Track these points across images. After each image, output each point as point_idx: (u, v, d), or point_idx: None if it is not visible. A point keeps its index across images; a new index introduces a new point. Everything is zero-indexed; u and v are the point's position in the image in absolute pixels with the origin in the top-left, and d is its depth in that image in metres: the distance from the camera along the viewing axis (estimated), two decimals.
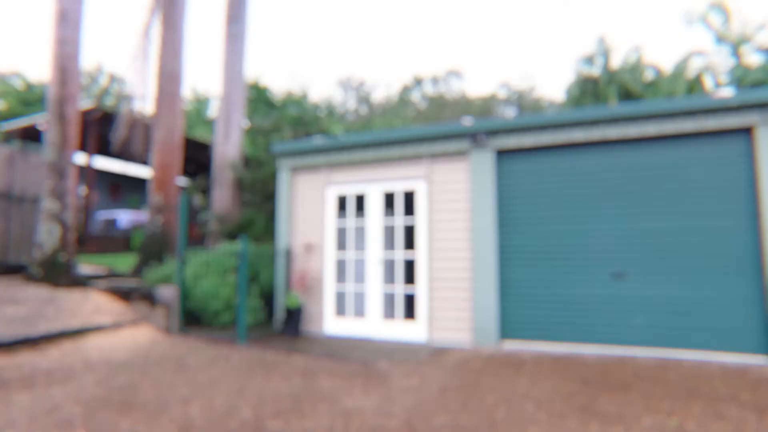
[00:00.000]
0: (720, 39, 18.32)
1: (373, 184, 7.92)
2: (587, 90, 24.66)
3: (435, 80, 48.12)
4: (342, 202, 8.22)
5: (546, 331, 6.68)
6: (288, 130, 11.07)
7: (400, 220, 7.76)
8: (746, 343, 5.83)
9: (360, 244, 8.06)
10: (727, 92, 6.18)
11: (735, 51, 18.03)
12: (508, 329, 6.87)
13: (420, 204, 7.53)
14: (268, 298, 8.56)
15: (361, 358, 6.31)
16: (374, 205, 7.89)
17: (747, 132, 6.02)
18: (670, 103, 6.30)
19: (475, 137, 7.02)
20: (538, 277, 6.80)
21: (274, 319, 8.35)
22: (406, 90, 48.72)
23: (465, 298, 7.05)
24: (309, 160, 8.39)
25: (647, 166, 6.44)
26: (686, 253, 6.16)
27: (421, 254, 7.43)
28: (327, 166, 8.29)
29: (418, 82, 48.24)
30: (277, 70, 73.84)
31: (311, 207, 8.37)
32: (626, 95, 23.09)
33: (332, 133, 9.56)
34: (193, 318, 8.07)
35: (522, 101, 46.51)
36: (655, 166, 6.41)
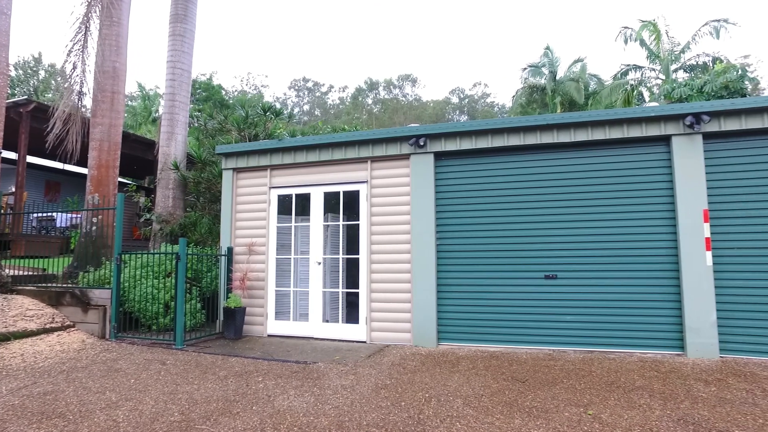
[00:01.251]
0: (652, 56, 19.47)
1: (316, 186, 7.95)
2: (534, 98, 25.56)
3: (389, 84, 48.51)
4: (285, 204, 8.21)
5: (483, 330, 6.90)
6: (234, 130, 10.91)
7: (342, 222, 7.84)
8: (664, 340, 6.24)
9: (303, 245, 8.08)
10: (652, 105, 6.61)
11: (665, 68, 19.21)
12: (446, 329, 7.05)
13: (362, 206, 7.62)
14: (210, 301, 8.42)
15: (300, 358, 6.32)
16: (317, 207, 7.93)
17: (666, 141, 6.45)
18: (599, 114, 6.67)
19: (416, 141, 7.18)
20: (475, 279, 7.02)
21: (217, 321, 8.22)
22: (360, 93, 48.85)
23: (405, 299, 7.19)
24: (253, 162, 8.33)
25: (579, 172, 6.79)
26: (613, 255, 6.52)
27: (362, 255, 7.52)
28: (270, 168, 8.26)
29: (373, 85, 48.49)
30: (233, 70, 72.47)
31: (255, 208, 8.30)
32: (570, 104, 24.11)
33: (278, 134, 9.50)
34: (131, 321, 7.83)
35: (474, 107, 47.62)
36: (587, 171, 6.76)
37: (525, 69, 25.60)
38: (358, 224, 7.64)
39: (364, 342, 7.32)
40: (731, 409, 4.33)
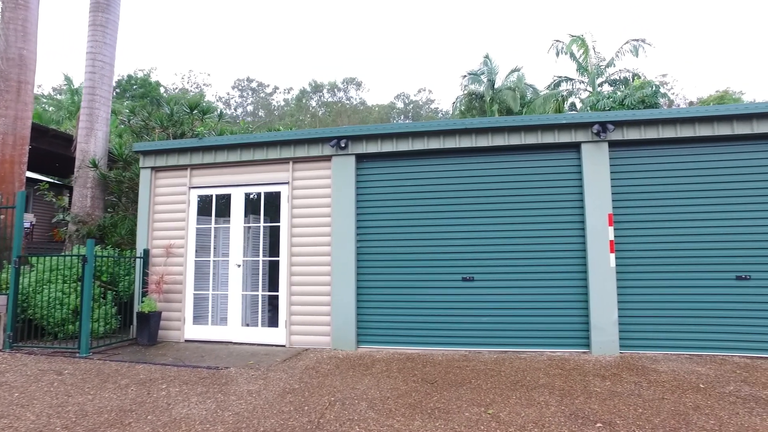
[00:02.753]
0: (581, 69, 20.49)
1: (238, 187, 7.75)
2: (474, 105, 26.19)
3: (333, 87, 48.34)
4: (206, 205, 7.95)
5: (402, 333, 6.93)
6: (158, 128, 10.45)
7: (263, 224, 7.68)
8: (572, 339, 6.50)
9: (223, 247, 7.84)
10: (573, 112, 6.89)
11: (592, 80, 20.28)
12: (366, 332, 7.04)
13: (284, 207, 7.50)
14: (128, 306, 8.01)
15: (212, 364, 6.10)
16: (237, 208, 7.72)
17: (577, 148, 6.75)
18: (514, 119, 6.89)
19: (338, 143, 7.15)
20: (396, 281, 7.04)
21: (131, 327, 7.82)
22: (304, 95, 48.38)
23: (325, 301, 7.12)
24: (172, 160, 8.01)
25: (497, 176, 6.97)
26: (527, 258, 6.73)
27: (283, 258, 7.39)
28: (191, 167, 7.96)
29: (317, 88, 48.16)
30: (174, 67, 69.94)
31: (173, 209, 7.98)
32: (508, 112, 24.87)
33: (200, 133, 9.17)
34: (34, 330, 7.31)
35: (419, 112, 48.28)
36: (504, 176, 6.96)
37: (465, 76, 26.19)
38: (279, 226, 7.50)
39: (284, 346, 7.18)
40: (619, 401, 4.55)
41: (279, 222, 7.52)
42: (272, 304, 7.52)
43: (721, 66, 60.50)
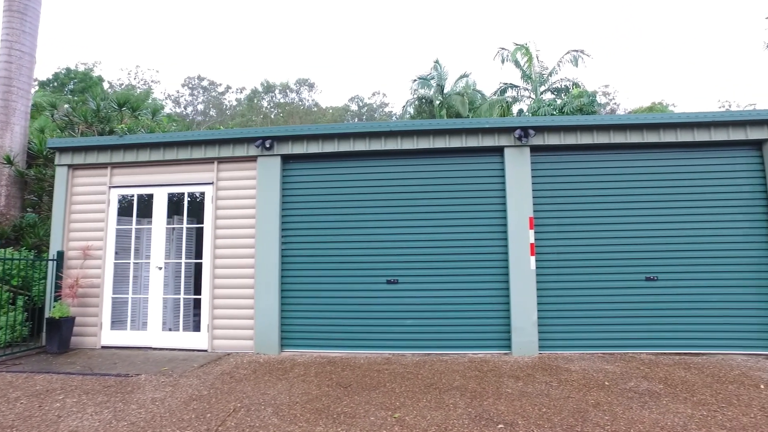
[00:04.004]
0: (525, 76, 21.06)
1: (160, 186, 7.45)
2: (423, 109, 26.42)
3: (285, 88, 47.70)
4: (127, 205, 7.60)
5: (327, 336, 6.84)
6: (82, 124, 9.93)
7: (186, 225, 7.42)
8: (494, 341, 6.59)
9: (144, 249, 7.52)
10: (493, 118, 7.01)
11: (534, 88, 20.88)
12: (290, 336, 6.90)
13: (208, 208, 7.26)
14: (42, 311, 7.54)
15: (123, 371, 5.81)
16: (160, 209, 7.42)
17: (501, 152, 6.87)
18: (438, 123, 6.95)
19: (262, 143, 6.99)
20: (321, 284, 6.95)
21: (42, 334, 7.36)
22: (255, 95, 47.51)
23: (249, 305, 6.94)
24: (91, 158, 7.61)
25: (422, 179, 7.00)
26: (451, 260, 6.79)
27: (206, 260, 7.15)
28: (111, 166, 7.60)
29: (269, 88, 47.40)
30: (120, 62, 67.23)
31: (92, 209, 7.58)
32: (456, 116, 25.22)
33: (122, 131, 8.78)
34: None
35: (372, 115, 48.34)
36: (429, 178, 7.00)
37: (415, 80, 26.37)
38: (203, 227, 7.26)
39: (205, 351, 6.94)
40: (526, 401, 4.63)
41: (203, 223, 7.27)
42: (194, 308, 7.26)
43: (659, 78, 63.83)
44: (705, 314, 6.43)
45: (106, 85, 41.04)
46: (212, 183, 7.29)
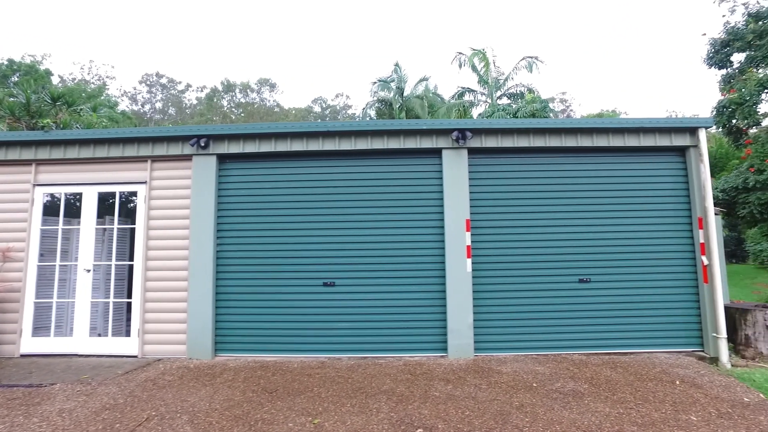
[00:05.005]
0: (482, 81, 21.39)
1: (90, 185, 7.12)
2: (383, 111, 26.45)
3: (246, 88, 46.92)
4: (53, 204, 7.23)
5: (262, 340, 6.67)
6: (9, 118, 9.42)
7: (117, 225, 7.12)
8: (430, 343, 6.57)
9: (73, 251, 7.18)
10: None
11: (490, 93, 21.24)
12: (225, 340, 6.70)
13: (140, 208, 6.98)
14: None
15: (37, 381, 5.49)
16: (89, 208, 7.08)
17: (439, 154, 6.87)
18: (376, 124, 6.95)
19: (197, 141, 6.78)
20: (257, 286, 6.78)
21: None
22: (215, 94, 46.55)
23: (182, 308, 6.70)
24: (13, 154, 7.19)
25: (359, 180, 6.93)
26: (388, 262, 6.74)
27: (138, 262, 6.87)
28: (36, 163, 7.20)
29: (229, 87, 46.53)
30: (73, 56, 64.79)
31: (14, 207, 7.16)
32: (415, 119, 25.32)
33: (48, 126, 8.37)
34: None
35: (336, 117, 48.11)
36: (366, 179, 6.93)
37: (375, 83, 26.39)
38: (135, 228, 6.98)
39: (135, 356, 6.67)
40: (451, 405, 4.61)
41: (135, 223, 6.99)
42: (124, 312, 6.97)
43: (615, 87, 66.22)
44: (633, 315, 6.61)
45: (56, 80, 39.43)
46: (145, 182, 7.01)
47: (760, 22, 17.10)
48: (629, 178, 6.89)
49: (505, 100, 21.28)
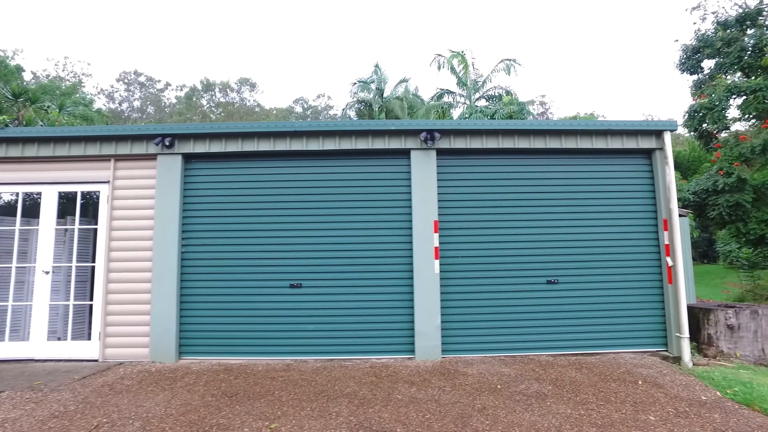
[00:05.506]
0: (461, 83, 21.47)
1: (50, 185, 6.90)
2: (363, 112, 26.38)
3: (226, 87, 46.40)
4: (10, 204, 7.01)
5: (228, 342, 6.55)
6: None
7: (79, 226, 6.92)
8: (398, 345, 6.52)
9: (30, 252, 6.95)
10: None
11: (469, 94, 21.34)
12: (189, 342, 6.57)
13: (102, 209, 6.80)
14: None
15: None
16: (48, 208, 6.86)
17: (408, 155, 6.83)
18: (344, 124, 6.85)
19: (162, 141, 6.64)
20: (223, 288, 6.65)
21: None
22: (194, 93, 45.95)
23: (146, 311, 6.54)
24: None
25: (327, 181, 6.86)
26: (356, 264, 6.67)
27: (99, 263, 6.69)
28: None
29: (208, 86, 45.96)
30: (48, 52, 63.38)
31: None
32: (395, 120, 25.24)
33: (4, 122, 8.10)
34: None
35: (317, 117, 47.88)
36: (334, 180, 6.86)
37: (355, 83, 26.30)
38: (97, 229, 6.80)
39: (96, 360, 6.48)
40: (413, 408, 4.56)
41: (97, 224, 6.80)
42: (85, 314, 6.78)
43: (594, 90, 67.24)
44: (600, 315, 6.65)
45: (28, 76, 38.51)
46: (108, 182, 6.84)
47: (728, 30, 17.50)
48: (597, 180, 6.95)
49: (483, 102, 21.39)
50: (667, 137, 6.72)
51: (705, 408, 4.63)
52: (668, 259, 6.62)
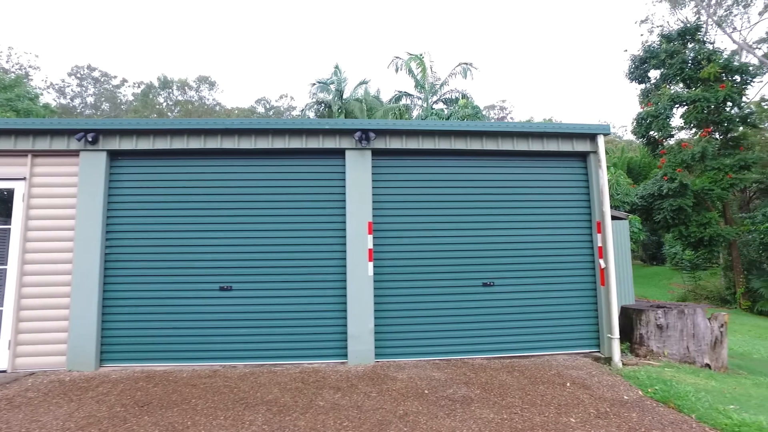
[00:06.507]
0: (419, 85, 21.53)
1: None
2: (322, 113, 26.14)
3: (184, 85, 45.23)
4: None
5: (154, 348, 6.24)
6: None
7: None
8: (331, 349, 6.35)
9: None
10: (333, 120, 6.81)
11: (426, 97, 21.42)
12: (112, 349, 6.22)
13: (17, 207, 6.37)
14: None
15: None
16: None
17: (343, 155, 6.68)
18: (277, 122, 6.64)
19: (84, 136, 6.28)
20: (149, 292, 6.33)
21: None
22: (151, 90, 44.60)
23: (64, 316, 6.15)
24: None
25: (261, 180, 6.64)
26: (289, 266, 6.47)
27: (12, 266, 6.26)
28: None
29: (166, 84, 44.68)
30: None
31: None
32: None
33: None
34: None
35: (279, 118, 47.32)
36: (268, 180, 6.65)
37: (314, 84, 26.04)
38: (10, 228, 6.37)
39: (4, 371, 6.05)
40: (332, 415, 4.41)
41: (10, 223, 6.38)
42: None
43: (553, 96, 68.97)
44: (536, 318, 6.67)
45: None
46: (24, 179, 6.42)
47: (672, 43, 18.17)
48: (534, 182, 6.98)
49: (441, 105, 21.49)
50: (601, 140, 6.81)
51: (625, 408, 4.68)
52: (601, 261, 6.70)
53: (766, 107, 19.93)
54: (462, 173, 6.87)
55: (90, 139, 6.29)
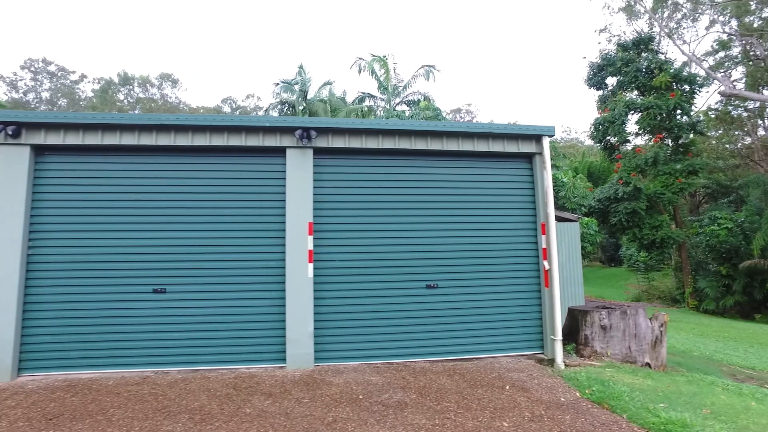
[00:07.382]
0: (382, 87, 21.46)
1: None
2: (286, 113, 25.78)
3: (145, 82, 43.96)
4: None
5: (80, 354, 5.89)
6: None
7: None
8: (269, 353, 6.13)
9: None
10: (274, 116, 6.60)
11: (388, 99, 21.38)
12: (32, 356, 5.83)
13: None
14: None
15: None
16: None
17: (283, 153, 6.48)
18: (214, 119, 6.37)
19: (5, 129, 5.90)
20: (77, 293, 5.97)
21: None
22: (110, 87, 43.19)
23: None
24: None
25: (196, 179, 6.37)
26: (225, 267, 6.23)
27: None
28: None
29: (126, 80, 43.33)
30: None
31: None
32: None
33: None
34: None
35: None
36: (204, 179, 6.38)
37: (278, 84, 25.65)
38: None
39: None
40: (257, 423, 4.23)
41: None
42: None
43: (518, 101, 70.19)
44: (480, 320, 6.62)
45: None
46: None
47: (627, 52, 18.69)
48: (480, 183, 6.94)
49: (404, 107, 21.48)
50: (545, 142, 6.82)
51: (560, 410, 4.64)
52: (545, 263, 6.71)
53: (712, 116, 20.72)
54: (407, 173, 6.77)
55: (10, 132, 5.91)
